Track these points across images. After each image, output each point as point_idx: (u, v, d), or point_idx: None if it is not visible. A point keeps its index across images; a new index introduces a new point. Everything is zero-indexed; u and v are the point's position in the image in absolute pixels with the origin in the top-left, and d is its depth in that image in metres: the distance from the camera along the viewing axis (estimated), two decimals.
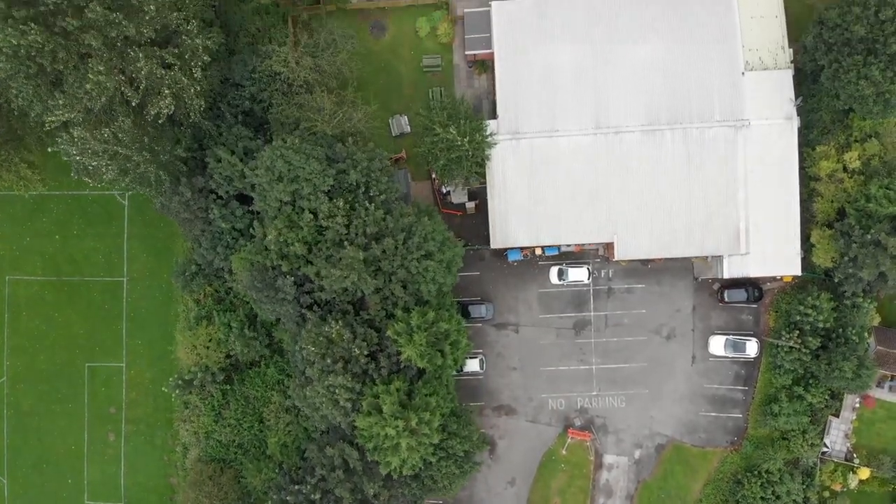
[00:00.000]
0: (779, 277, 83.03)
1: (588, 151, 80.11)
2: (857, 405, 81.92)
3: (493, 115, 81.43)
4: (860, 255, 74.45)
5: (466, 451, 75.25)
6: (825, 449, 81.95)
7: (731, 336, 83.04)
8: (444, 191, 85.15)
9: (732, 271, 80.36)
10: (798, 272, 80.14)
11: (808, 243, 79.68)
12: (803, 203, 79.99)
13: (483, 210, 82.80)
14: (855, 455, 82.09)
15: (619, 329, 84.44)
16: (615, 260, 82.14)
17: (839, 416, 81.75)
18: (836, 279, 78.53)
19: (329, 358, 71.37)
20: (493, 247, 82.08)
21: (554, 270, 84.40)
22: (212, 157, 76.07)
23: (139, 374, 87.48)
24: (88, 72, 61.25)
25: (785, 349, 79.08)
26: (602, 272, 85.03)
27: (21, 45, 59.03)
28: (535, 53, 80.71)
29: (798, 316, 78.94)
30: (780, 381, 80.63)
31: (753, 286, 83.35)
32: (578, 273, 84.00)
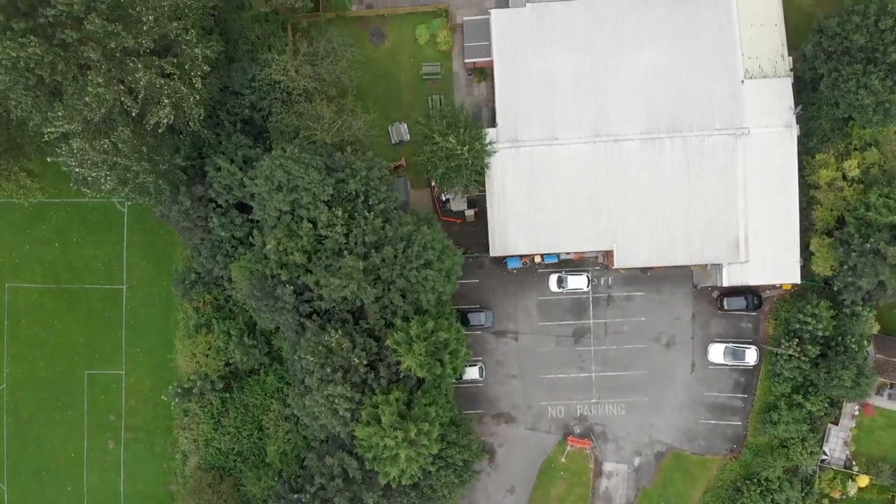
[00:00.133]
0: (778, 285, 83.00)
1: (587, 159, 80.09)
2: (857, 413, 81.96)
3: (493, 123, 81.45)
4: (859, 264, 74.40)
5: (466, 460, 75.33)
6: (824, 457, 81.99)
7: (731, 344, 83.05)
8: (443, 198, 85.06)
9: (732, 279, 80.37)
10: (797, 280, 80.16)
11: (807, 251, 79.59)
12: (803, 211, 79.98)
13: (482, 218, 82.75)
14: (854, 463, 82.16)
15: (619, 337, 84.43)
16: (614, 268, 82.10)
17: (838, 424, 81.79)
18: (835, 287, 78.48)
19: (328, 367, 71.36)
20: (493, 255, 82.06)
21: (553, 278, 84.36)
22: (211, 166, 75.97)
23: (138, 381, 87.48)
24: (88, 84, 61.13)
25: (784, 357, 79.05)
26: (601, 280, 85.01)
27: (20, 57, 58.91)
28: (535, 62, 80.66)
29: (797, 324, 78.89)
30: (780, 389, 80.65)
31: (753, 294, 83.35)
32: (578, 281, 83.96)
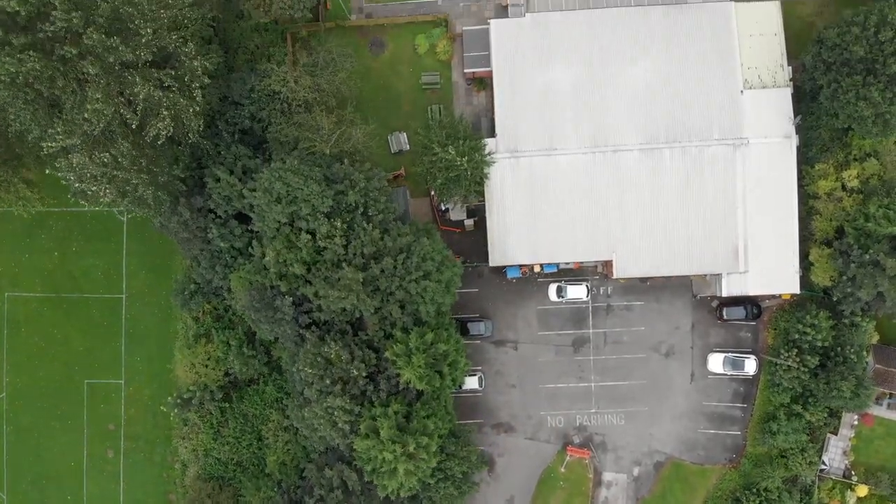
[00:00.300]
0: (777, 295, 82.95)
1: (587, 170, 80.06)
2: (856, 423, 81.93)
3: (492, 133, 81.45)
4: (858, 275, 74.37)
5: (465, 471, 75.30)
6: (823, 466, 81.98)
7: (730, 354, 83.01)
8: (442, 208, 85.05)
9: (731, 289, 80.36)
10: (797, 290, 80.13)
11: (806, 261, 79.58)
12: (802, 221, 79.92)
13: (482, 227, 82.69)
14: (853, 472, 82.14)
15: (618, 346, 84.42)
16: (614, 277, 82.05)
17: (837, 434, 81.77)
18: (834, 298, 78.43)
19: (328, 379, 71.33)
20: (492, 265, 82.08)
21: (553, 288, 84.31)
22: (210, 177, 75.91)
23: (138, 390, 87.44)
24: (87, 100, 61.04)
25: (783, 367, 78.96)
26: (601, 289, 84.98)
27: (19, 72, 58.85)
28: (534, 71, 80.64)
29: (797, 334, 78.78)
30: (779, 399, 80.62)
31: (752, 304, 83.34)
32: (577, 290, 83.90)
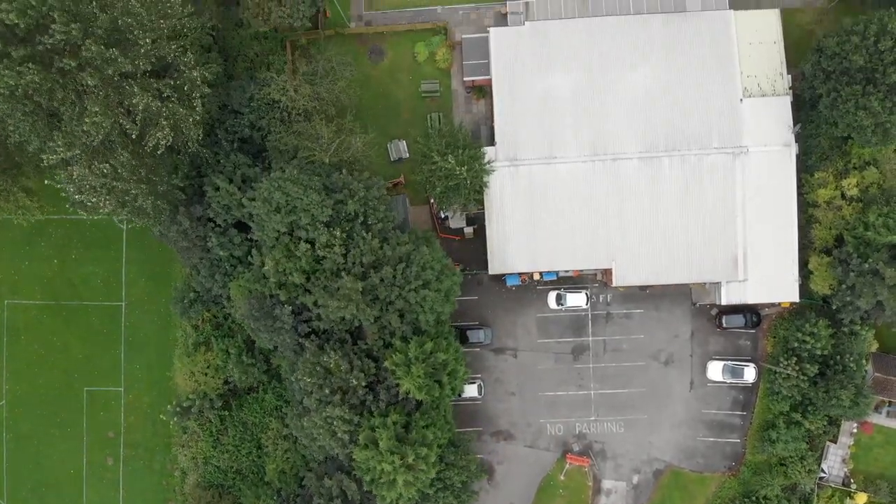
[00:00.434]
0: (777, 303, 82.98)
1: (586, 178, 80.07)
2: (855, 431, 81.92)
3: (492, 141, 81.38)
4: (858, 284, 74.38)
5: (464, 481, 75.14)
6: (822, 474, 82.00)
7: (729, 361, 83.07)
8: (442, 216, 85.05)
9: (730, 298, 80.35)
10: (796, 299, 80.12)
11: (806, 270, 79.61)
12: (801, 229, 79.90)
13: (481, 235, 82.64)
14: (852, 480, 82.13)
15: (618, 354, 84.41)
16: (613, 286, 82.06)
17: (837, 442, 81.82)
18: (833, 306, 78.46)
19: (326, 388, 71.30)
20: (492, 273, 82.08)
21: (552, 295, 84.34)
22: (210, 186, 75.91)
23: (137, 398, 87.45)
24: (85, 113, 61.02)
25: (783, 376, 78.98)
26: (600, 297, 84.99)
27: (18, 85, 58.85)
28: (533, 80, 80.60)
29: (796, 343, 78.76)
30: (778, 408, 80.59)
31: (751, 312, 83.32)
32: (577, 298, 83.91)
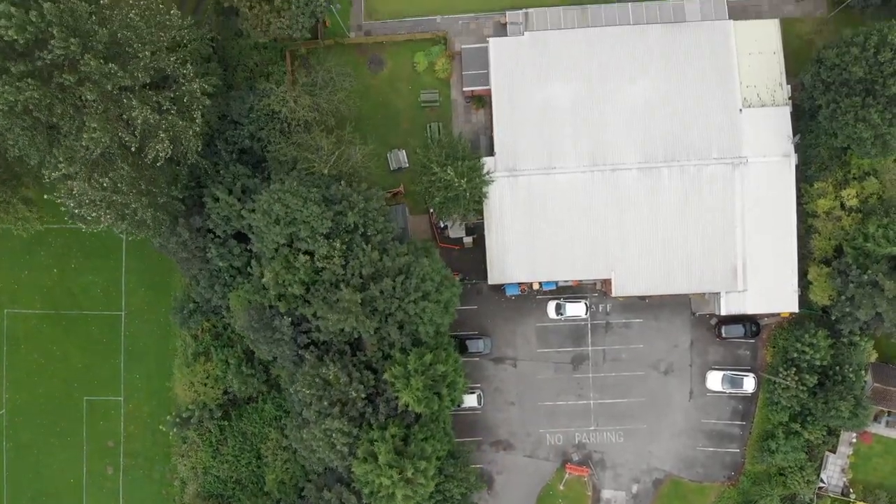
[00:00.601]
0: (776, 313, 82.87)
1: (585, 188, 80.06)
2: (854, 440, 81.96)
3: (491, 151, 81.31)
4: (857, 295, 74.37)
5: (463, 493, 75.12)
6: (822, 484, 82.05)
7: (729, 371, 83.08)
8: (441, 225, 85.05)
9: (730, 308, 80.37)
10: (795, 309, 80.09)
11: (805, 280, 79.60)
12: (801, 239, 79.92)
13: (481, 244, 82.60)
14: (851, 490, 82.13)
15: (617, 364, 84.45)
16: (612, 296, 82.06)
17: (836, 452, 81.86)
18: (833, 317, 78.48)
19: (326, 400, 71.33)
20: (491, 282, 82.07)
21: (552, 305, 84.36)
22: (209, 197, 75.90)
23: (137, 407, 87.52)
24: (84, 129, 61.02)
25: (782, 386, 79.02)
26: (600, 307, 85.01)
27: (18, 100, 58.84)
28: (533, 90, 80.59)
29: (795, 353, 78.74)
30: (777, 418, 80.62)
31: (751, 321, 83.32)
32: (576, 308, 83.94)
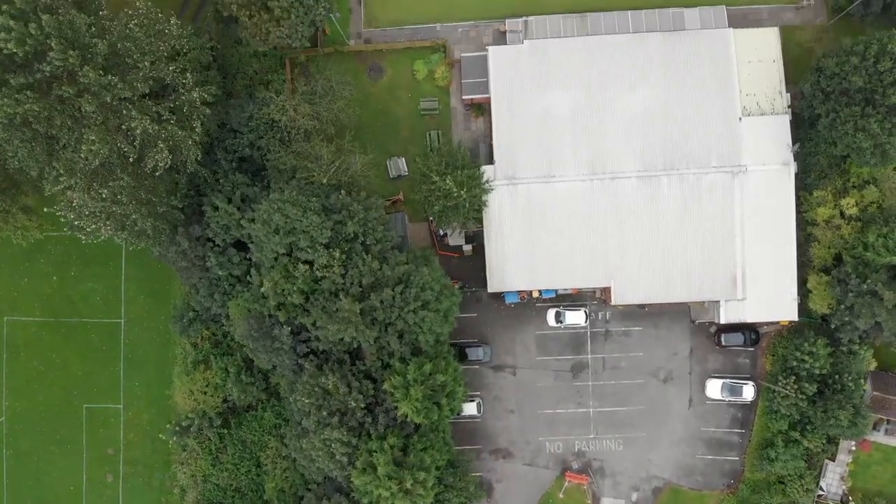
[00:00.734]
0: (776, 321, 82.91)
1: (585, 197, 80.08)
2: (853, 448, 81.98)
3: (491, 159, 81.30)
4: (856, 305, 74.38)
5: (463, 502, 75.15)
6: (821, 492, 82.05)
7: (728, 379, 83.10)
8: (441, 233, 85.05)
9: (729, 316, 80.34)
10: (794, 318, 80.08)
11: (804, 288, 79.61)
12: (800, 247, 79.92)
13: (480, 252, 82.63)
14: (850, 498, 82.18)
15: (617, 372, 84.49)
16: (612, 304, 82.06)
17: (835, 460, 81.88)
18: (832, 325, 78.51)
19: (325, 410, 71.37)
20: (490, 290, 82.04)
21: (551, 313, 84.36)
22: (209, 206, 75.93)
23: (137, 415, 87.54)
24: (82, 142, 61.03)
25: (781, 394, 79.04)
26: (599, 315, 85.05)
27: (17, 113, 58.83)
28: (532, 98, 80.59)
29: (795, 362, 78.75)
30: (777, 426, 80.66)
31: (750, 330, 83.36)
32: (576, 316, 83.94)
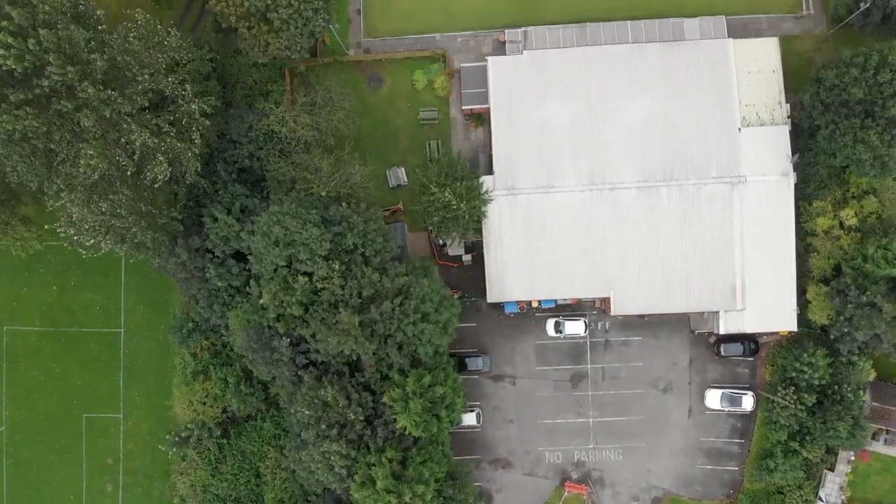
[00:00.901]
0: (775, 331, 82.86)
1: (584, 207, 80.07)
2: (853, 459, 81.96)
3: (490, 169, 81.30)
4: (856, 316, 74.33)
5: None
6: (820, 502, 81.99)
7: (728, 390, 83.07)
8: (440, 242, 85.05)
9: (728, 327, 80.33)
10: (794, 328, 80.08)
11: (804, 298, 79.58)
12: (800, 257, 79.87)
13: (480, 262, 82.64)
14: None
15: (616, 382, 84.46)
16: (611, 314, 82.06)
17: (834, 470, 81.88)
18: (831, 336, 78.48)
19: (324, 423, 71.37)
20: (490, 300, 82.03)
21: (551, 323, 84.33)
22: (208, 217, 75.93)
23: (136, 425, 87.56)
24: (81, 156, 61.09)
25: (780, 405, 79.03)
26: (599, 324, 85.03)
27: (16, 129, 58.85)
28: (531, 109, 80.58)
29: (794, 372, 78.71)
30: (776, 437, 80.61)
31: (750, 340, 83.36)
32: (575, 326, 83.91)
